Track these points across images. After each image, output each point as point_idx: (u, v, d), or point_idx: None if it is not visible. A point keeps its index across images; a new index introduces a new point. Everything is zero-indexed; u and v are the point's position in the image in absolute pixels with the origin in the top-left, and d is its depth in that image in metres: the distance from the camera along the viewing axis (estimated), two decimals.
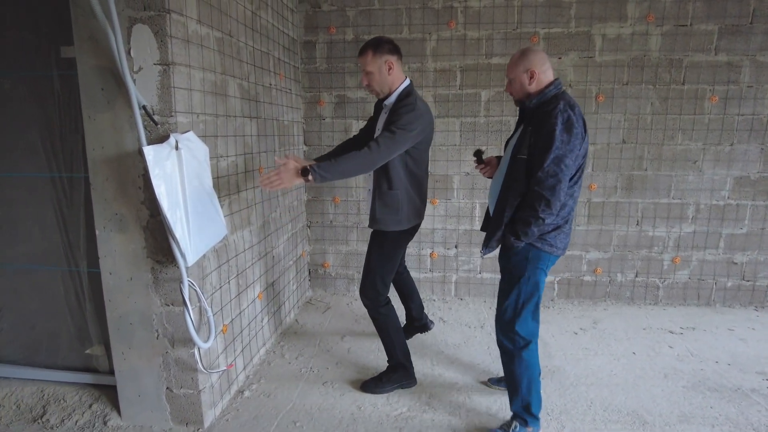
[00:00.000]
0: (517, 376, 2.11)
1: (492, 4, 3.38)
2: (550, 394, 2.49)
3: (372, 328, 3.08)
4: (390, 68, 2.26)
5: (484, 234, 2.27)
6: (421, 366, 2.77)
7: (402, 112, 2.20)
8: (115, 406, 2.28)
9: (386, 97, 2.35)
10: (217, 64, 2.29)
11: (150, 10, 1.86)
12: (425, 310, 3.18)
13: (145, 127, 1.90)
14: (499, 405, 2.40)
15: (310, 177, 2.05)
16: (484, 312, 3.57)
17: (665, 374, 2.69)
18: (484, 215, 2.53)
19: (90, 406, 2.31)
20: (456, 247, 3.79)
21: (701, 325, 3.34)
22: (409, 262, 3.77)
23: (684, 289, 3.66)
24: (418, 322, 3.05)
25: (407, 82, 2.33)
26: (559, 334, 3.20)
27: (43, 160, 2.27)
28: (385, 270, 2.45)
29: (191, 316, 1.99)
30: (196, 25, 2.08)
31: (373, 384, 2.54)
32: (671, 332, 3.22)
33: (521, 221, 1.96)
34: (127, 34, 1.88)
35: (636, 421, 2.27)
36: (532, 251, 2.02)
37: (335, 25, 3.56)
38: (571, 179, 1.96)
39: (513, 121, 3.54)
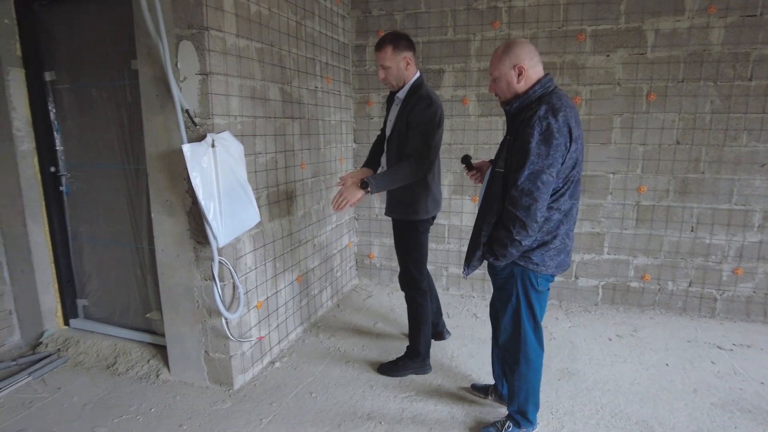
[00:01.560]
0: (516, 388, 2.09)
1: (537, 2, 3.36)
2: (561, 395, 2.50)
3: (404, 319, 3.25)
4: (408, 64, 2.39)
5: None
6: (440, 356, 2.89)
7: (420, 108, 2.33)
8: (166, 363, 2.69)
9: (398, 90, 2.46)
10: (257, 72, 2.59)
11: (192, 28, 2.19)
12: (448, 316, 3.26)
13: (186, 128, 2.25)
14: (500, 409, 2.47)
15: (369, 189, 2.27)
16: None
17: (695, 389, 2.56)
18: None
19: (148, 361, 2.76)
20: None
21: (759, 343, 3.07)
22: (449, 258, 3.88)
23: (747, 303, 3.37)
24: (434, 328, 3.03)
25: (418, 74, 2.46)
26: (592, 338, 3.13)
27: (117, 154, 2.73)
28: (413, 257, 2.60)
29: (219, 290, 2.32)
30: (235, 39, 2.39)
31: (389, 367, 2.72)
32: (719, 348, 3.01)
33: (497, 242, 1.83)
34: (175, 49, 2.23)
35: (643, 430, 2.22)
36: (517, 269, 1.90)
37: (384, 28, 3.74)
38: (556, 192, 1.79)
39: None
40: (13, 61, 2.74)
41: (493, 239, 1.86)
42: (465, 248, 3.86)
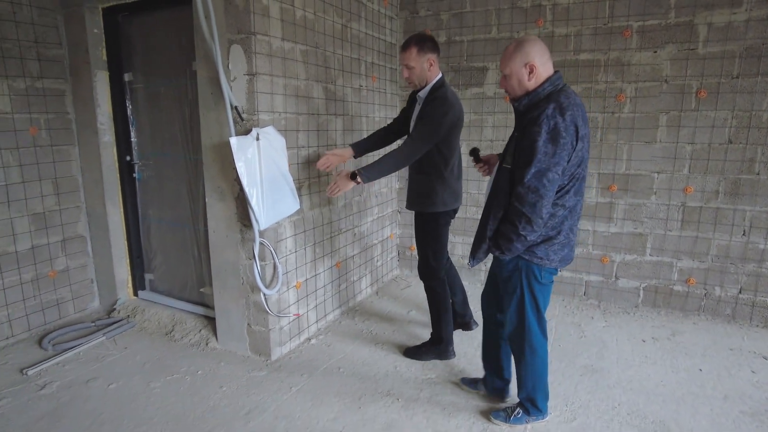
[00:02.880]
0: (523, 377, 2.16)
1: None
2: (579, 389, 2.54)
3: None
4: (431, 65, 2.51)
5: None
6: (466, 344, 3.00)
7: (435, 105, 2.46)
8: (215, 333, 3.01)
9: (420, 89, 2.58)
10: (302, 72, 2.82)
11: (241, 33, 2.46)
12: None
13: (235, 123, 2.52)
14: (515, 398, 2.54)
15: (358, 179, 2.47)
16: (557, 309, 3.58)
17: (726, 396, 2.49)
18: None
19: (200, 330, 3.09)
20: None
21: None
22: None
23: None
24: (461, 318, 3.13)
25: (440, 75, 2.57)
26: (625, 339, 3.10)
27: (180, 145, 3.09)
28: (432, 249, 2.74)
29: (258, 268, 2.59)
30: (281, 42, 2.63)
31: (414, 350, 2.87)
32: (765, 358, 2.87)
33: (503, 236, 1.90)
34: (227, 52, 2.51)
35: (658, 430, 2.22)
36: (522, 262, 1.97)
37: (430, 28, 3.87)
38: (562, 189, 1.85)
39: (601, 117, 3.45)
40: (99, 65, 3.16)
41: (499, 233, 1.93)
42: None
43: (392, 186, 4.17)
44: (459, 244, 4.04)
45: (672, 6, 3.14)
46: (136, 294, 3.54)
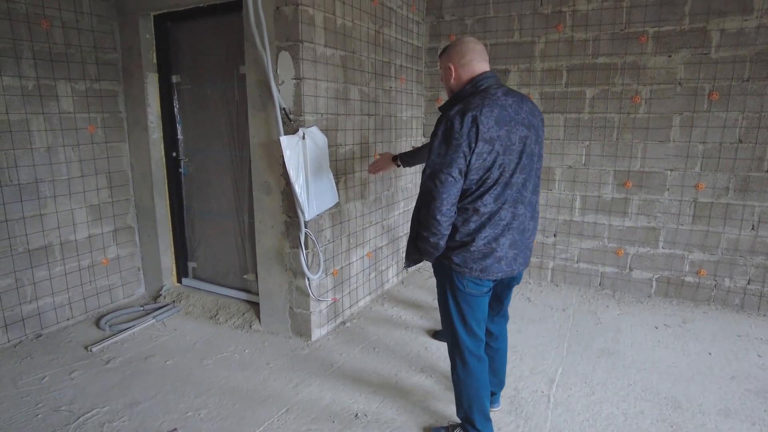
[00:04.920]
0: (458, 394, 2.05)
1: (600, 6, 3.54)
2: (597, 369, 2.76)
3: None
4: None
5: (583, 224, 2.16)
6: None
7: None
8: (258, 316, 3.27)
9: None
10: (340, 76, 3.06)
11: (290, 41, 2.69)
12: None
13: (283, 123, 2.76)
14: (537, 375, 2.77)
15: (398, 162, 2.86)
16: (574, 298, 3.80)
17: (733, 376, 2.70)
18: None
19: (243, 314, 3.35)
20: (555, 235, 4.05)
21: None
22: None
23: None
24: None
25: None
26: (639, 325, 3.31)
27: (226, 142, 3.33)
28: None
29: (304, 255, 2.83)
30: (324, 48, 2.87)
31: (442, 334, 3.10)
32: None
33: (418, 239, 1.86)
34: (276, 58, 2.75)
35: (670, 404, 2.44)
36: (442, 266, 1.91)
37: (455, 32, 4.08)
38: (471, 193, 1.75)
39: (617, 118, 3.66)
40: (150, 67, 3.42)
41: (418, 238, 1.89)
42: None
43: (416, 182, 4.39)
44: None
45: (686, 13, 3.33)
46: (180, 281, 3.80)
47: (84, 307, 3.38)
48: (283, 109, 2.76)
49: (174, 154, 3.59)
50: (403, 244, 4.20)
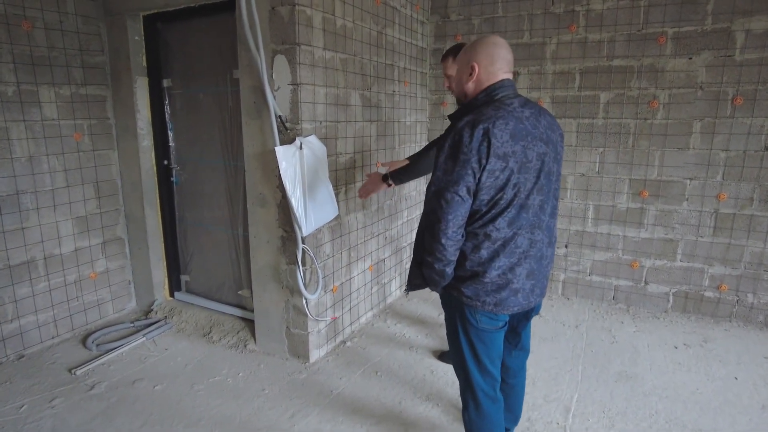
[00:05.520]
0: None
1: (616, 5, 3.34)
2: (615, 396, 2.57)
3: None
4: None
5: (596, 235, 1.87)
6: None
7: None
8: (253, 335, 3.08)
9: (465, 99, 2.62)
10: (340, 80, 2.86)
11: (286, 44, 2.50)
12: None
13: (279, 132, 2.57)
14: (551, 404, 2.58)
15: (390, 182, 2.54)
16: (586, 313, 3.61)
17: (764, 405, 2.51)
18: None
19: (238, 332, 3.17)
20: (566, 246, 3.85)
21: None
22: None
23: None
24: None
25: None
26: (656, 345, 3.12)
27: (220, 150, 3.15)
28: None
29: (301, 273, 2.65)
30: (322, 52, 2.67)
31: (448, 356, 2.91)
32: None
33: (423, 265, 1.65)
34: (271, 62, 2.55)
35: None
36: (451, 298, 1.70)
37: (461, 32, 3.89)
38: (481, 216, 1.55)
39: (633, 124, 3.46)
40: (140, 71, 3.23)
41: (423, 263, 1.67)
42: None
43: (420, 189, 4.20)
44: None
45: (709, 12, 3.13)
46: (172, 295, 3.62)
47: (70, 324, 3.20)
48: (279, 117, 2.57)
49: (165, 163, 3.41)
50: (407, 254, 4.02)
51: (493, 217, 1.55)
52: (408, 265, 4.05)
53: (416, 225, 4.15)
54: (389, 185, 2.56)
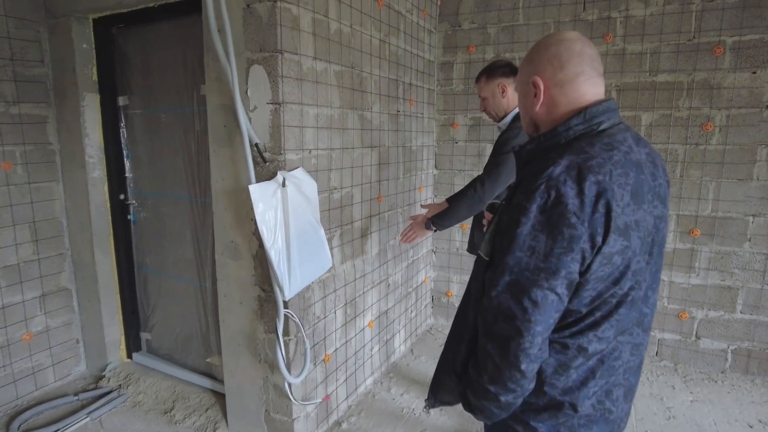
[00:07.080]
0: None
1: (661, 11, 2.82)
2: None
3: None
4: (503, 91, 2.19)
5: None
6: None
7: (509, 136, 2.12)
8: (225, 415, 2.45)
9: (500, 120, 2.26)
10: (335, 98, 2.29)
11: (265, 51, 1.93)
12: None
13: (255, 164, 1.98)
14: None
15: (433, 227, 2.31)
16: None
17: None
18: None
19: (206, 410, 2.53)
20: None
21: None
22: None
23: None
24: None
25: None
26: (725, 421, 2.53)
27: (184, 184, 2.55)
28: None
29: (282, 350, 2.03)
30: (312, 62, 2.10)
31: None
32: None
33: (470, 384, 1.08)
34: (245, 74, 1.98)
35: None
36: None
37: (475, 43, 3.35)
38: (579, 320, 0.98)
39: (682, 150, 2.92)
40: (88, 87, 2.64)
41: (467, 378, 1.10)
42: None
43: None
44: None
45: None
46: (130, 356, 2.98)
47: None
48: (256, 145, 1.98)
49: (121, 197, 2.80)
50: (413, 300, 3.41)
51: (595, 323, 0.98)
52: (413, 314, 3.44)
53: (422, 265, 3.55)
54: (433, 230, 2.37)
